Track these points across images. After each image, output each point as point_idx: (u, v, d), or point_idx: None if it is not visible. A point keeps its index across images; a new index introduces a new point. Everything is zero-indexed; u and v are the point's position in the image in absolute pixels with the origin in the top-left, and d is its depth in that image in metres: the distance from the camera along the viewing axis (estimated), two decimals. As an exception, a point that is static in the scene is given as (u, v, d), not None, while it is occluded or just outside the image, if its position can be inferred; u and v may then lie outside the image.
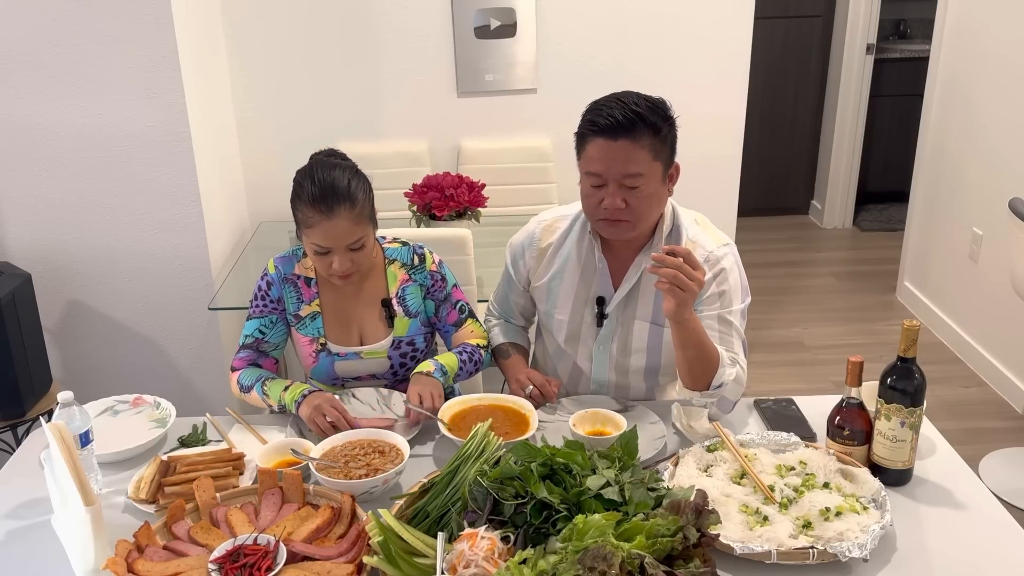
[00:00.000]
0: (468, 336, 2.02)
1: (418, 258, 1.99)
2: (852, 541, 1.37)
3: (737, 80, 3.45)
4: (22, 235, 2.83)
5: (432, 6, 3.30)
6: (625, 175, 1.70)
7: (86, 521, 1.36)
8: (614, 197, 1.72)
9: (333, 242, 1.80)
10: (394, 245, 2.00)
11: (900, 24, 5.81)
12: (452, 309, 2.01)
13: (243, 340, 1.97)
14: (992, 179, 3.63)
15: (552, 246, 1.95)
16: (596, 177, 1.74)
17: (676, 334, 1.68)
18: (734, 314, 1.83)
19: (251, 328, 1.96)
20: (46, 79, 2.67)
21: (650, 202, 1.76)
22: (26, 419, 2.52)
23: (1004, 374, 3.56)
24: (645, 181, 1.71)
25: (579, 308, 1.93)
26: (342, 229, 1.78)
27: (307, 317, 1.95)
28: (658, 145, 1.71)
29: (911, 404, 1.54)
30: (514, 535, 1.30)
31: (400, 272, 1.98)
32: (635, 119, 1.68)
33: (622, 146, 1.69)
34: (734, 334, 1.82)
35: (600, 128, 1.70)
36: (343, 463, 1.60)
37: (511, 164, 3.41)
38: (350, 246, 1.81)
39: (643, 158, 1.70)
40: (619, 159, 1.69)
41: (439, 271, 2.00)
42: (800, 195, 5.78)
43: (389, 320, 1.96)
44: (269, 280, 1.95)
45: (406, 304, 1.98)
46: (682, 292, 1.57)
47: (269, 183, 3.44)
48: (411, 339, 1.98)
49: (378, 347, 1.96)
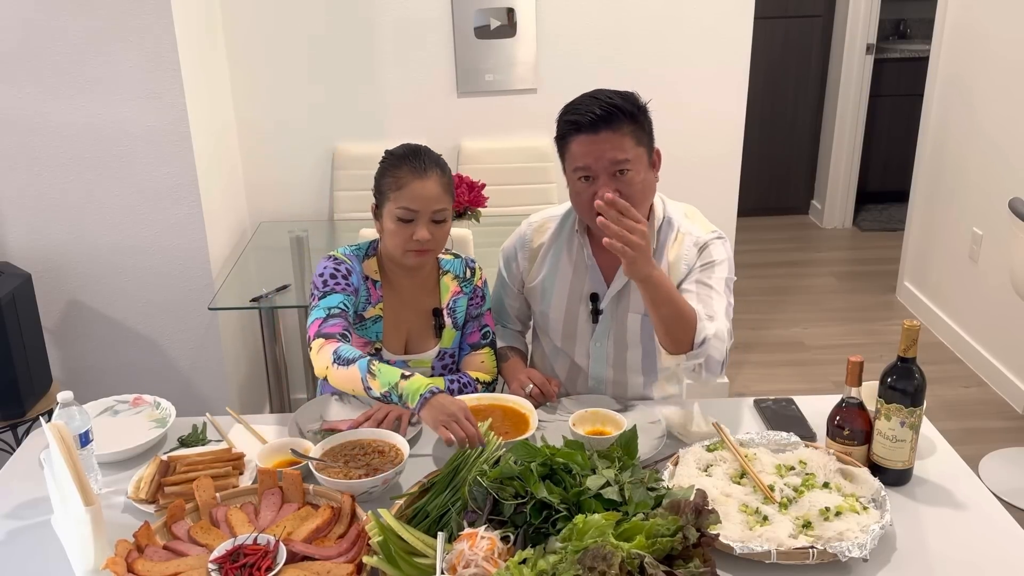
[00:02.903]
0: (478, 365, 1.99)
1: (469, 271, 2.01)
2: (852, 541, 1.37)
3: (737, 80, 3.45)
4: (22, 235, 2.83)
5: (432, 6, 3.30)
6: (614, 163, 1.73)
7: (86, 521, 1.36)
8: (606, 188, 1.73)
9: (422, 204, 1.80)
10: (447, 256, 2.01)
11: (900, 24, 5.81)
12: (477, 330, 2.01)
13: (328, 311, 1.80)
14: (992, 179, 3.63)
15: (544, 246, 1.97)
16: (585, 171, 1.76)
17: (645, 293, 1.67)
18: (716, 280, 1.83)
19: (336, 300, 1.82)
20: (46, 79, 2.67)
21: (642, 188, 1.78)
22: (26, 419, 2.52)
23: (1004, 374, 3.56)
24: (633, 167, 1.75)
25: (573, 306, 1.94)
26: (432, 191, 1.80)
27: (370, 319, 1.92)
28: (638, 132, 1.75)
29: (911, 404, 1.54)
30: (514, 535, 1.30)
31: (452, 284, 1.99)
32: (613, 110, 1.72)
33: (605, 137, 1.73)
34: (713, 296, 1.81)
35: (581, 125, 1.74)
36: (343, 463, 1.60)
37: (511, 164, 3.41)
38: (434, 216, 1.82)
39: (628, 145, 1.73)
40: (605, 149, 1.73)
41: (483, 288, 2.02)
42: (800, 195, 5.78)
43: (438, 330, 1.96)
44: (349, 268, 1.89)
45: (455, 316, 1.98)
46: (631, 251, 1.57)
47: (269, 183, 3.44)
48: (453, 351, 2.00)
49: (425, 357, 1.97)
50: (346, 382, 1.69)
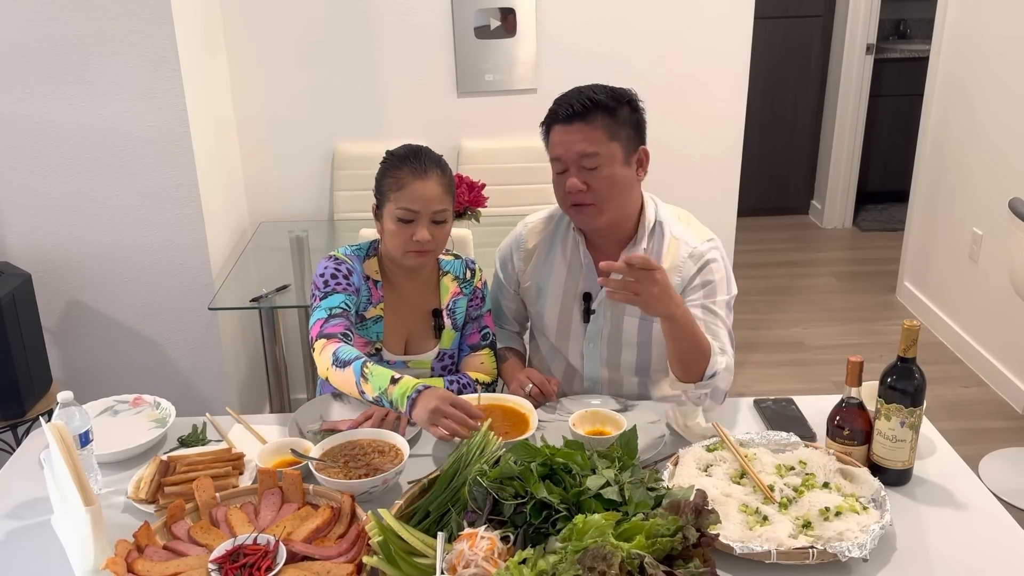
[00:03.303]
0: (478, 367, 1.99)
1: (470, 272, 2.01)
2: (852, 541, 1.37)
3: (737, 80, 3.45)
4: (22, 235, 2.83)
5: (432, 6, 3.30)
6: (582, 155, 1.76)
7: (86, 521, 1.36)
8: (575, 179, 1.77)
9: (422, 204, 1.80)
10: (447, 257, 2.01)
11: (900, 24, 5.81)
12: (477, 332, 2.01)
13: (329, 311, 1.80)
14: (992, 179, 3.63)
15: (539, 246, 1.98)
16: (558, 162, 1.80)
17: (667, 330, 1.69)
18: (719, 304, 1.84)
19: (337, 300, 1.83)
20: (46, 79, 2.67)
21: (612, 183, 1.78)
22: (26, 419, 2.52)
23: (1004, 374, 3.56)
24: (602, 161, 1.76)
25: (567, 306, 1.94)
26: (433, 191, 1.81)
27: (371, 319, 1.92)
28: (614, 126, 1.76)
29: (911, 404, 1.54)
30: (514, 535, 1.30)
31: (452, 284, 1.99)
32: (589, 105, 1.75)
33: (577, 128, 1.76)
34: (720, 324, 1.83)
35: (559, 116, 1.78)
36: (343, 463, 1.60)
37: (511, 164, 3.41)
38: (434, 217, 1.82)
39: (598, 138, 1.75)
40: (575, 140, 1.76)
41: (483, 290, 2.02)
42: (800, 195, 5.78)
43: (437, 331, 1.97)
44: (350, 268, 1.89)
45: (455, 317, 1.98)
46: (638, 297, 1.59)
47: (269, 183, 3.44)
48: (452, 352, 2.00)
49: (424, 357, 1.97)
50: (344, 384, 1.71)
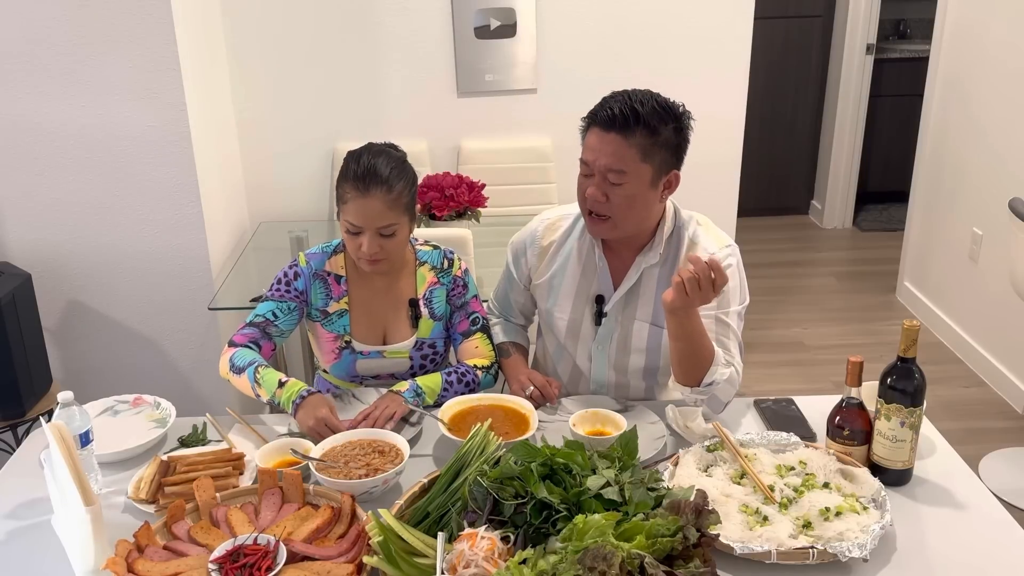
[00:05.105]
0: (473, 352, 2.00)
1: (447, 262, 2.02)
2: (852, 541, 1.37)
3: (737, 80, 3.45)
4: (22, 235, 2.83)
5: (432, 6, 3.30)
6: (608, 169, 1.72)
7: (86, 521, 1.36)
8: (596, 188, 1.74)
9: (364, 221, 1.82)
10: (425, 248, 2.03)
11: (900, 24, 5.81)
12: (465, 318, 2.02)
13: (251, 318, 1.96)
14: (992, 179, 3.63)
15: (554, 244, 1.96)
16: (585, 166, 1.77)
17: (671, 324, 1.68)
18: (731, 315, 1.83)
19: (264, 309, 1.96)
20: (46, 79, 2.67)
21: (631, 203, 1.75)
22: (26, 419, 2.52)
23: (1004, 374, 3.56)
24: (628, 180, 1.72)
25: (579, 306, 1.93)
26: (374, 210, 1.81)
27: (334, 314, 1.96)
28: (651, 148, 1.70)
29: (911, 404, 1.54)
30: (514, 535, 1.30)
31: (429, 274, 2.00)
32: (631, 116, 1.68)
33: (612, 139, 1.70)
34: (731, 335, 1.82)
35: (597, 119, 1.73)
36: (343, 463, 1.60)
37: (511, 164, 3.41)
38: (380, 230, 1.83)
39: (630, 157, 1.70)
40: (606, 152, 1.71)
41: (463, 278, 2.02)
42: (800, 195, 5.78)
43: (414, 321, 1.98)
44: (297, 272, 1.97)
45: (432, 306, 1.99)
46: (687, 297, 1.58)
47: (269, 183, 3.44)
48: (432, 341, 2.00)
49: (401, 347, 1.98)
50: (244, 388, 1.87)
